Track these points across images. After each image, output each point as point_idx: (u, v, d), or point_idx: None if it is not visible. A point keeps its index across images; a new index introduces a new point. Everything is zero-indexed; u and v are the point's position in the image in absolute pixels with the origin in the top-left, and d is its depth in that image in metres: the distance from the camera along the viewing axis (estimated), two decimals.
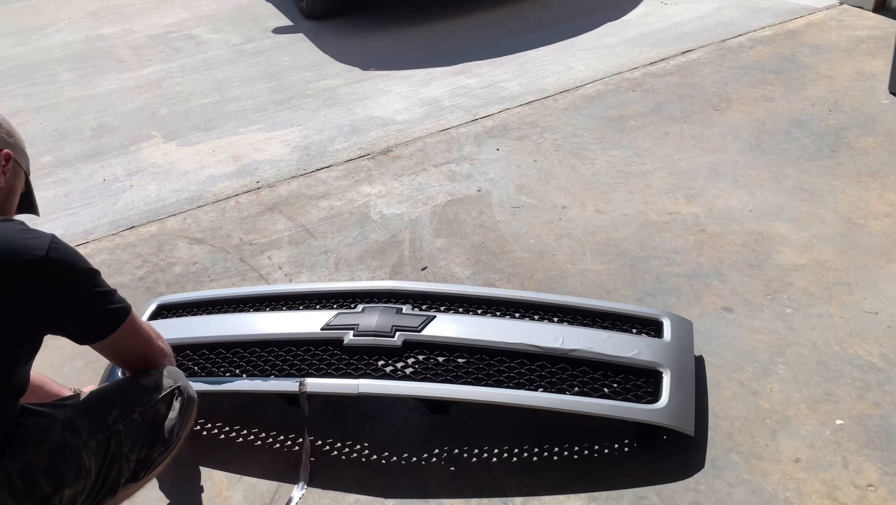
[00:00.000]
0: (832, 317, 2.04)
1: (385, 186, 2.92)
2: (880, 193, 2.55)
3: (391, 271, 2.42)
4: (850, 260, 2.25)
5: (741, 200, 2.59)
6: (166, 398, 1.44)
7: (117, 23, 5.37)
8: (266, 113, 3.68)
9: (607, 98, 3.41)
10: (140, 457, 1.40)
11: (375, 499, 1.66)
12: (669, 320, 1.90)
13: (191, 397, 1.51)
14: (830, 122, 3.00)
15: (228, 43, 4.74)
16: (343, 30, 4.76)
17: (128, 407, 1.39)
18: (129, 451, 1.37)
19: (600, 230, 2.51)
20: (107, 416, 1.36)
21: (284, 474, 1.74)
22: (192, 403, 1.51)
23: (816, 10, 4.11)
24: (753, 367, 1.91)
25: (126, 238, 2.76)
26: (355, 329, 1.85)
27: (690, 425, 1.67)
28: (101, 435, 1.33)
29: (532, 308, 1.96)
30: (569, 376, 1.73)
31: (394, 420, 1.87)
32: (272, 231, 2.71)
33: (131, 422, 1.38)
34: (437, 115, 3.45)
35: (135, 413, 1.38)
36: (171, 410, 1.44)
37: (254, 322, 1.97)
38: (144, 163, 3.32)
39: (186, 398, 1.49)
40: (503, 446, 1.76)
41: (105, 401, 1.39)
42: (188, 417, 1.50)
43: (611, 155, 2.96)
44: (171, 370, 1.49)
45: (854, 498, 1.56)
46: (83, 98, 4.09)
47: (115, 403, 1.39)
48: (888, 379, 1.83)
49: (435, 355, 1.79)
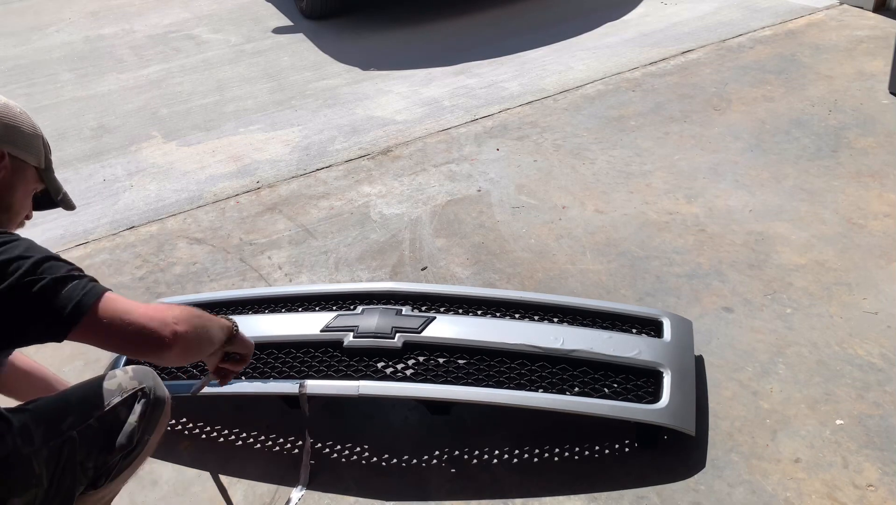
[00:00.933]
0: (832, 317, 2.04)
1: (385, 186, 2.92)
2: (880, 193, 2.55)
3: (391, 271, 2.42)
4: (850, 260, 2.25)
5: (741, 200, 2.59)
6: (127, 401, 1.37)
7: (117, 23, 5.37)
8: (266, 113, 3.68)
9: (607, 98, 3.41)
10: (98, 463, 1.33)
11: (375, 500, 1.66)
12: (669, 320, 1.90)
13: (158, 399, 1.42)
14: (830, 122, 3.00)
15: (228, 43, 4.73)
16: (343, 30, 4.76)
17: (84, 412, 1.32)
18: (84, 458, 1.30)
19: (600, 230, 2.51)
20: (62, 422, 1.29)
21: (284, 476, 1.74)
22: (160, 404, 1.42)
23: (816, 10, 4.10)
24: (753, 367, 1.91)
25: (126, 238, 2.76)
26: (355, 331, 1.85)
27: (691, 425, 1.67)
28: (54, 442, 1.26)
29: (532, 308, 1.96)
30: (569, 377, 1.73)
31: (394, 421, 1.87)
32: (272, 231, 2.71)
33: (87, 428, 1.30)
34: (437, 115, 3.45)
35: (91, 418, 1.31)
36: (131, 414, 1.36)
37: (253, 324, 1.96)
38: (144, 163, 3.32)
39: (152, 400, 1.40)
40: (503, 447, 1.76)
41: (62, 406, 1.32)
42: (155, 420, 1.42)
43: (611, 155, 2.96)
44: (139, 370, 1.41)
45: (854, 498, 1.56)
46: (83, 98, 4.08)
47: (72, 407, 1.32)
48: (888, 379, 1.83)
49: (435, 356, 1.79)
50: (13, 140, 1.29)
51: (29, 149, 1.32)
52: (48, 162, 1.37)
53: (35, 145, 1.33)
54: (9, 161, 1.29)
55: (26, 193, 1.35)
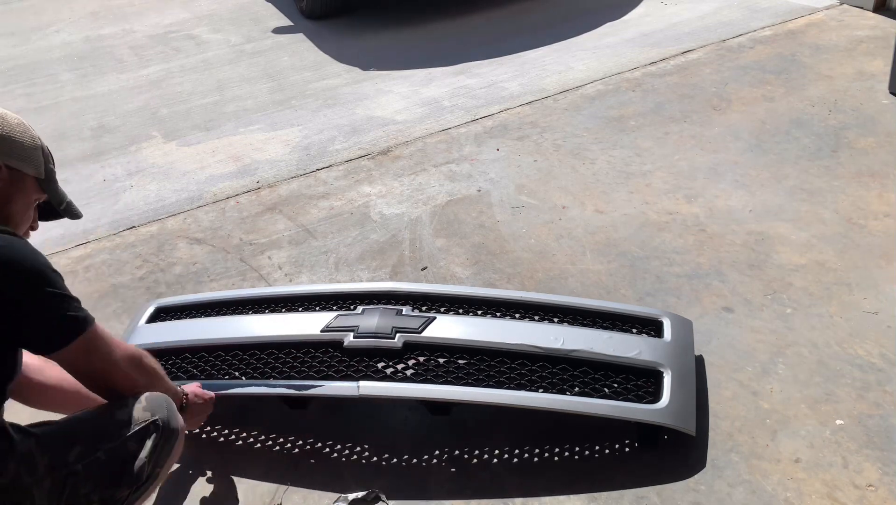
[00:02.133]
0: (832, 317, 2.04)
1: (385, 186, 2.92)
2: (880, 193, 2.55)
3: (391, 271, 2.42)
4: (850, 260, 2.25)
5: (741, 200, 2.59)
6: (138, 434, 1.32)
7: (117, 23, 5.37)
8: (266, 113, 3.68)
9: (607, 98, 3.41)
10: (105, 497, 1.29)
11: None
12: (669, 320, 1.90)
13: (172, 430, 1.39)
14: (830, 122, 3.00)
15: (228, 43, 4.74)
16: (343, 30, 4.76)
17: (92, 443, 1.28)
18: (89, 491, 1.26)
19: (600, 230, 2.51)
20: (68, 452, 1.26)
21: (284, 475, 1.74)
22: (172, 436, 1.39)
23: (816, 10, 4.10)
24: (753, 367, 1.91)
25: (126, 238, 2.76)
26: (355, 331, 1.85)
27: (692, 425, 1.67)
28: (58, 473, 1.23)
29: (532, 309, 1.96)
30: (569, 377, 1.73)
31: (394, 421, 1.87)
32: (272, 231, 2.71)
33: (94, 461, 1.27)
34: (437, 115, 3.45)
35: (99, 451, 1.28)
36: (142, 449, 1.32)
37: (253, 324, 1.97)
38: (144, 163, 3.32)
39: (165, 433, 1.37)
40: (503, 447, 1.76)
41: (71, 434, 1.29)
42: (167, 453, 1.38)
43: (611, 155, 2.96)
44: (152, 400, 1.38)
45: (854, 498, 1.56)
46: (83, 98, 4.08)
47: (80, 437, 1.29)
48: (888, 379, 1.83)
49: (435, 357, 1.79)
50: (10, 152, 1.30)
51: (28, 160, 1.32)
52: (49, 172, 1.37)
53: (34, 156, 1.33)
54: (6, 172, 1.29)
55: (27, 204, 1.35)
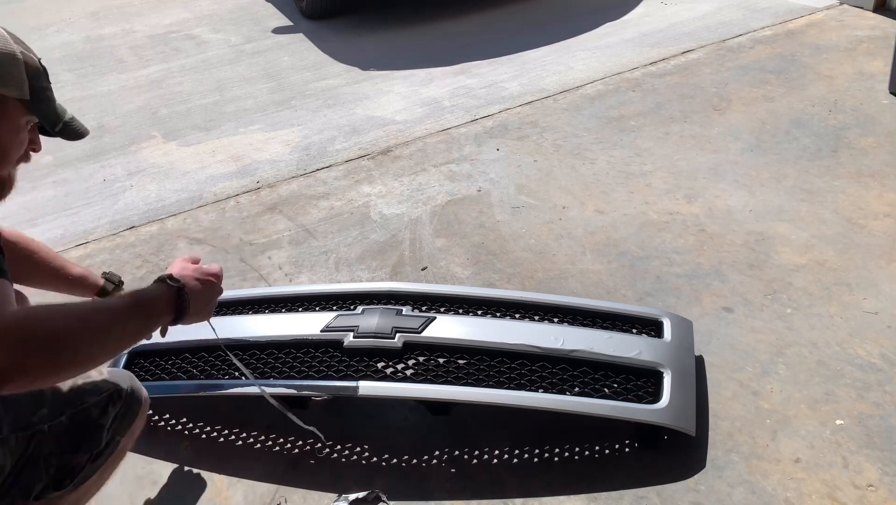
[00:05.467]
0: (832, 317, 2.04)
1: (385, 186, 2.92)
2: (880, 193, 2.55)
3: (391, 271, 2.42)
4: (850, 260, 2.25)
5: (741, 200, 2.59)
6: (101, 403, 1.34)
7: (117, 23, 5.37)
8: (266, 113, 3.68)
9: (607, 98, 3.41)
10: (61, 463, 1.29)
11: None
12: (669, 320, 1.90)
13: (134, 401, 1.39)
14: (830, 122, 3.00)
15: (228, 43, 4.74)
16: (343, 30, 4.76)
17: (58, 407, 1.28)
18: (48, 454, 1.27)
19: (600, 230, 2.51)
20: (34, 413, 1.25)
21: (284, 475, 1.74)
22: (134, 406, 1.39)
23: (816, 10, 4.10)
24: (753, 367, 1.91)
25: (126, 238, 2.76)
26: (355, 331, 1.85)
27: (692, 425, 1.67)
28: (23, 432, 1.23)
29: (532, 309, 1.96)
30: (569, 377, 1.73)
31: (394, 421, 1.87)
32: (272, 231, 2.71)
33: (58, 424, 1.28)
34: (437, 116, 3.45)
35: (63, 415, 1.28)
36: (104, 416, 1.33)
37: (253, 324, 1.97)
38: (144, 163, 3.32)
39: (127, 402, 1.37)
40: (503, 447, 1.76)
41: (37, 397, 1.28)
42: (128, 422, 1.39)
43: (611, 155, 2.96)
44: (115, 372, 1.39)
45: (854, 498, 1.56)
46: (83, 98, 4.09)
47: (47, 400, 1.28)
48: (888, 379, 1.83)
49: (435, 357, 1.79)
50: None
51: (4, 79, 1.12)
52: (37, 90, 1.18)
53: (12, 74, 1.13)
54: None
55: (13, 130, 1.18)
